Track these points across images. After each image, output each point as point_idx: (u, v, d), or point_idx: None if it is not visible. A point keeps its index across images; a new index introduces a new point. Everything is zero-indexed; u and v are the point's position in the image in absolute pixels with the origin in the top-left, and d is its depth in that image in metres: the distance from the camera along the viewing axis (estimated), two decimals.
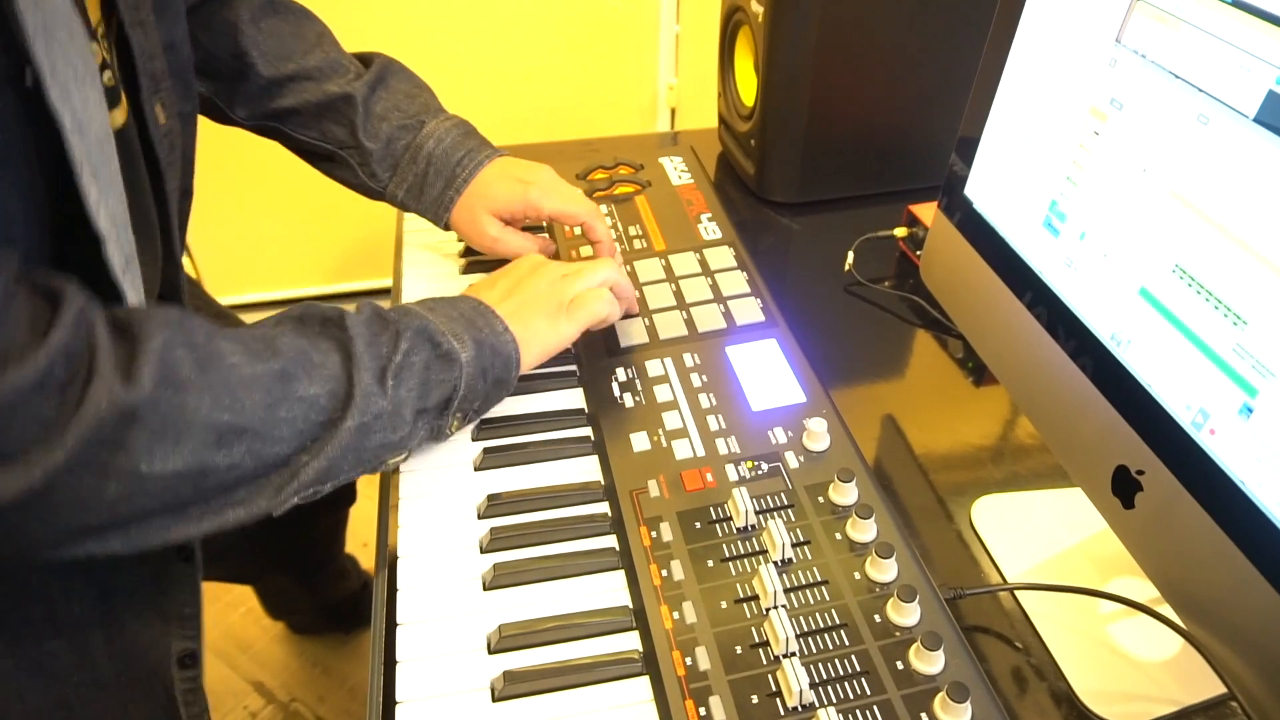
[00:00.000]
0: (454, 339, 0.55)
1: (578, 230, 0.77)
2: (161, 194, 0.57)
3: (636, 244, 0.78)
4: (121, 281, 0.47)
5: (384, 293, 2.06)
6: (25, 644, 0.55)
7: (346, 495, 1.14)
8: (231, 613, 1.43)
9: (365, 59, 0.75)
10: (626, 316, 0.69)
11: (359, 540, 1.50)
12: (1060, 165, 0.53)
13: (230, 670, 1.35)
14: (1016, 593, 0.55)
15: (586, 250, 0.77)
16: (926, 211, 0.81)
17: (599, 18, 1.68)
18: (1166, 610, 0.49)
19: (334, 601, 1.32)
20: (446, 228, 0.73)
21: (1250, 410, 0.41)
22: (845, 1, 0.79)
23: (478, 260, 0.78)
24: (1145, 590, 0.53)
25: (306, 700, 1.33)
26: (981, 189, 0.61)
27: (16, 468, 0.39)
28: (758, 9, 0.82)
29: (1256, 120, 0.39)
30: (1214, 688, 0.50)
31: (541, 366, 0.66)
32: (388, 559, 0.55)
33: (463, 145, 0.72)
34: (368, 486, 1.68)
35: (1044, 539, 0.59)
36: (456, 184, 0.71)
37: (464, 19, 1.63)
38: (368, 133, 0.72)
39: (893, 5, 0.81)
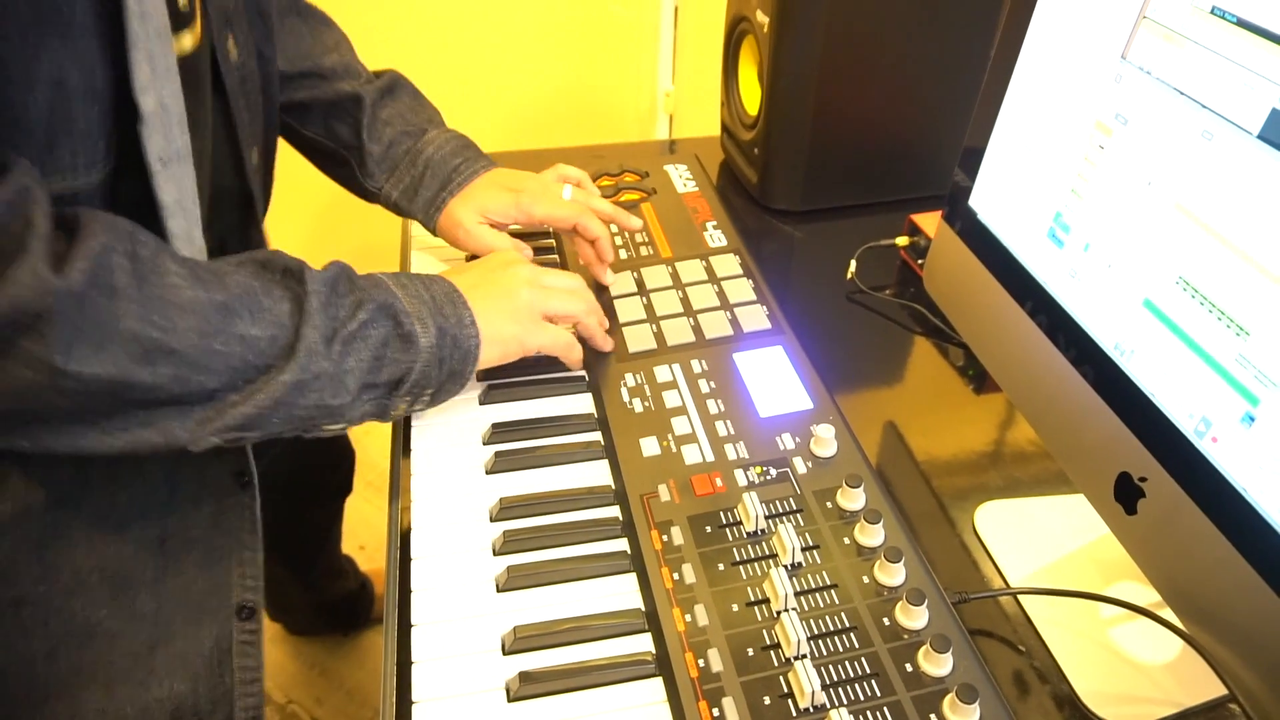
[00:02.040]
0: (417, 321, 0.55)
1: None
2: (234, 135, 0.59)
3: (643, 250, 0.79)
4: (157, 175, 0.48)
5: None
6: (70, 584, 0.55)
7: (341, 487, 1.14)
8: None
9: (378, 72, 0.78)
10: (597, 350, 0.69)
11: (356, 542, 1.51)
12: (1065, 178, 0.54)
13: None
14: (1019, 597, 0.56)
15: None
16: (927, 221, 0.83)
17: (599, 25, 1.69)
18: (1168, 614, 0.50)
19: (331, 601, 1.32)
20: (434, 231, 0.75)
21: (1252, 419, 0.42)
22: (850, 14, 0.81)
23: None
24: (1147, 594, 0.54)
25: (304, 702, 1.33)
26: (985, 200, 0.62)
27: None
28: (763, 20, 0.83)
29: (1260, 137, 0.40)
30: (1215, 689, 0.51)
31: (550, 371, 0.67)
32: (399, 559, 0.55)
33: (460, 154, 0.74)
34: (366, 489, 1.68)
35: (1046, 544, 0.60)
36: (450, 188, 0.73)
37: (465, 24, 1.64)
38: (371, 135, 0.74)
39: (896, 18, 0.82)
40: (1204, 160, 0.43)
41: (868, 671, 0.46)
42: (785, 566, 0.51)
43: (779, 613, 0.49)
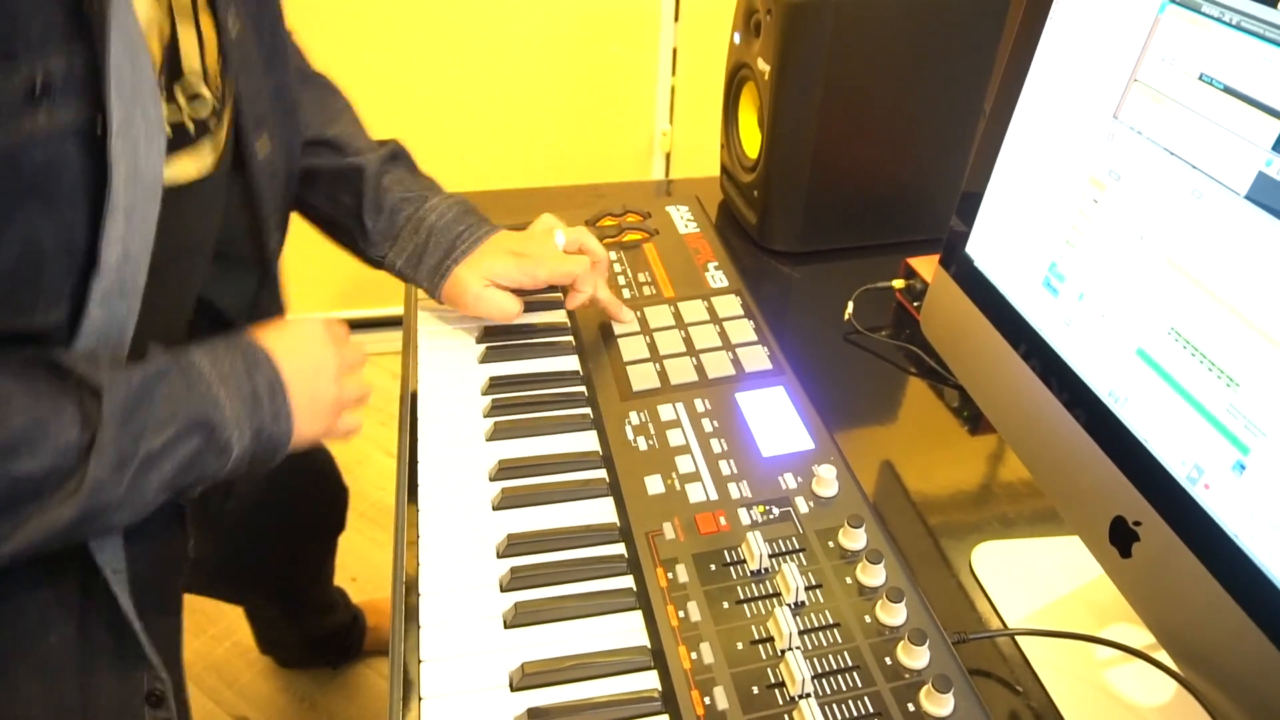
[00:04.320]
0: (235, 428, 0.53)
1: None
2: (258, 225, 0.61)
3: (646, 290, 0.80)
4: (91, 311, 0.47)
5: (395, 321, 2.08)
6: None
7: (334, 524, 1.14)
8: (217, 646, 1.41)
9: (381, 141, 0.79)
10: None
11: (348, 575, 1.50)
12: (1060, 229, 0.56)
13: (215, 704, 1.34)
14: (1017, 638, 0.57)
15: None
16: (923, 264, 0.85)
17: (598, 66, 1.73)
18: (1162, 656, 0.51)
19: (321, 634, 1.32)
20: (438, 299, 0.75)
21: (1243, 467, 0.43)
22: (848, 63, 0.83)
23: None
24: (1141, 636, 0.55)
25: None
26: (982, 248, 0.64)
27: None
28: (764, 67, 0.86)
29: (1247, 198, 0.42)
30: None
31: (555, 408, 0.68)
32: (404, 596, 0.56)
33: (463, 220, 0.75)
34: (359, 520, 1.67)
35: (1043, 585, 0.61)
36: (455, 254, 0.73)
37: (466, 62, 1.67)
38: (372, 203, 0.74)
39: (893, 68, 0.85)
40: (1194, 218, 0.45)
41: (871, 711, 0.47)
42: (789, 605, 0.52)
43: (783, 651, 0.49)
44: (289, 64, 0.64)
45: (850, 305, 0.85)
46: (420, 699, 0.49)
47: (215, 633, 1.43)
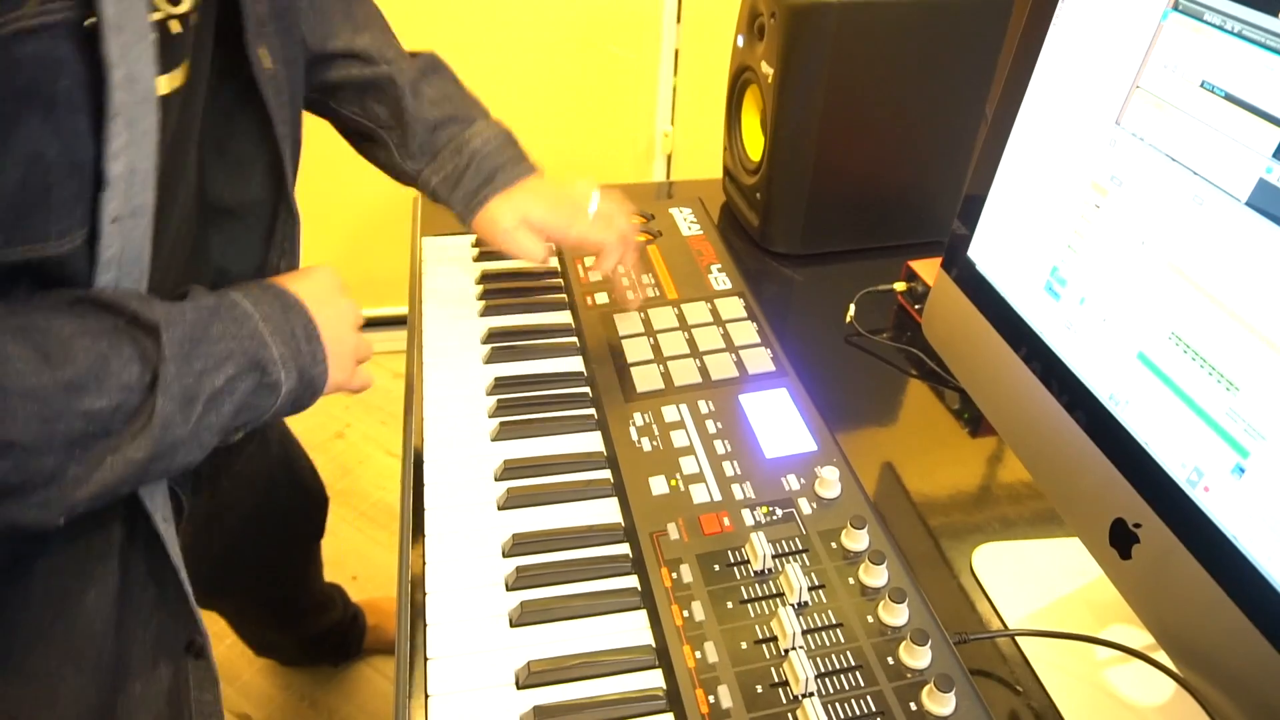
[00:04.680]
0: (283, 367, 0.53)
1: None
2: (272, 139, 0.59)
3: (650, 292, 0.81)
4: (105, 231, 0.46)
5: (402, 320, 2.08)
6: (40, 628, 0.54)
7: (313, 533, 1.12)
8: (218, 644, 1.42)
9: (414, 52, 0.77)
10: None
11: (348, 573, 1.51)
12: (1062, 234, 0.56)
13: None
14: (1017, 638, 0.58)
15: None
16: (924, 267, 0.85)
17: (600, 67, 1.73)
18: (1161, 656, 0.52)
19: (317, 634, 1.31)
20: (468, 225, 0.74)
21: (1243, 470, 0.44)
22: (852, 67, 0.84)
23: (488, 252, 0.83)
24: (1141, 637, 0.56)
25: None
26: (984, 252, 0.64)
27: None
28: (768, 70, 0.86)
29: (1248, 204, 0.43)
30: None
31: (560, 409, 0.68)
32: (410, 594, 0.56)
33: (505, 151, 0.74)
34: (359, 519, 1.68)
35: (1043, 586, 0.62)
36: (494, 185, 0.72)
37: (466, 61, 1.67)
38: (413, 114, 0.72)
39: (896, 72, 0.85)
40: (1195, 223, 0.46)
41: (873, 710, 0.48)
42: (792, 605, 0.52)
43: (787, 651, 0.50)
44: None
45: (852, 308, 0.86)
46: (427, 696, 0.49)
47: (216, 631, 1.43)
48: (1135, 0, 0.50)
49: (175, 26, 0.49)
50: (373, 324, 2.08)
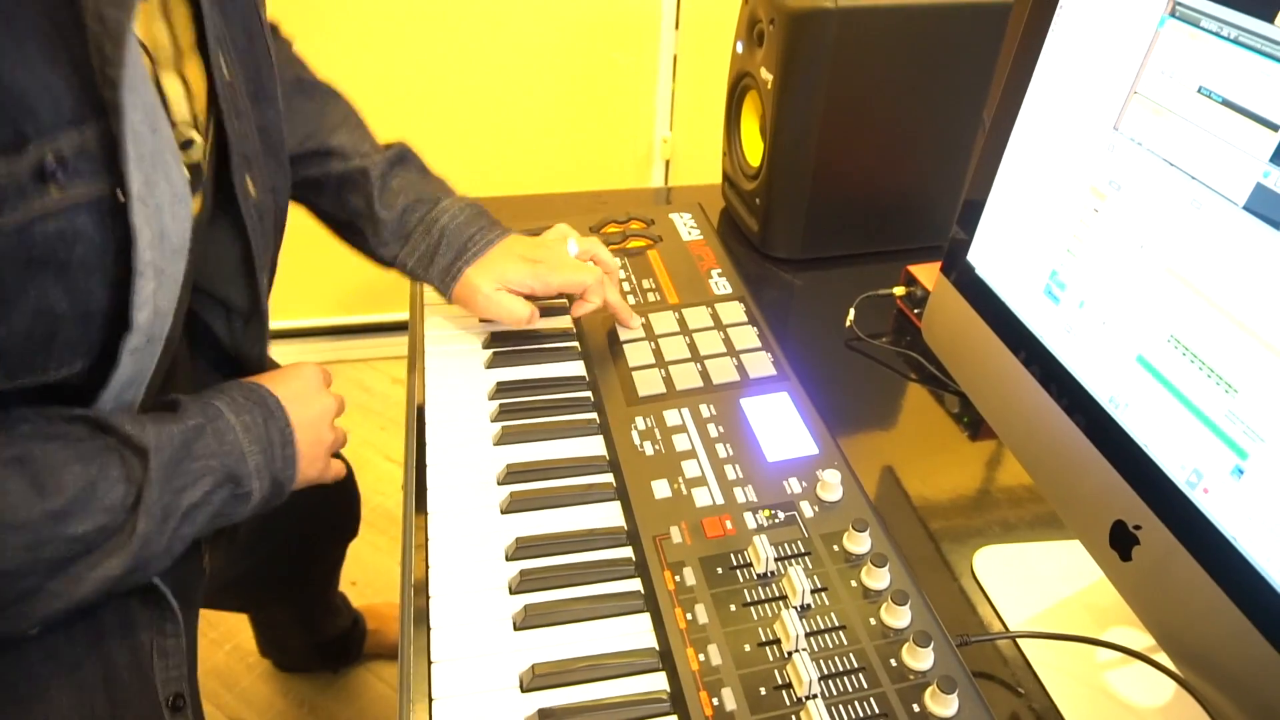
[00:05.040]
0: (256, 478, 0.57)
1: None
2: (250, 261, 0.61)
3: (650, 297, 0.81)
4: (124, 361, 0.49)
5: (401, 326, 2.09)
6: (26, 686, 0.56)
7: (349, 530, 1.15)
8: (217, 650, 1.42)
9: (387, 144, 0.80)
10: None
11: (348, 579, 1.51)
12: (1061, 238, 0.57)
13: (215, 709, 1.34)
14: (1018, 640, 0.58)
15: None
16: (923, 272, 0.86)
17: (600, 73, 1.74)
18: (1162, 658, 0.52)
19: (324, 639, 1.32)
20: (449, 298, 0.76)
21: (1241, 472, 0.44)
22: (851, 73, 0.84)
23: None
24: (1141, 639, 0.56)
25: None
26: (984, 256, 0.65)
27: None
28: (767, 76, 0.87)
29: (1246, 208, 0.43)
30: None
31: (562, 413, 0.69)
32: (414, 598, 0.56)
33: (475, 223, 0.76)
34: (368, 529, 1.68)
35: (1044, 589, 0.62)
36: (467, 256, 0.74)
37: (467, 67, 1.68)
38: (383, 204, 0.75)
39: (894, 78, 0.86)
40: (1193, 227, 0.46)
41: (877, 711, 0.48)
42: (795, 608, 0.53)
43: (790, 653, 0.50)
44: (276, 103, 0.64)
45: (852, 312, 0.86)
46: (431, 699, 0.49)
47: (215, 637, 1.43)
48: (1132, 7, 0.50)
49: (186, 175, 0.52)
50: (368, 330, 2.11)
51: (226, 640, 1.42)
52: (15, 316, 0.44)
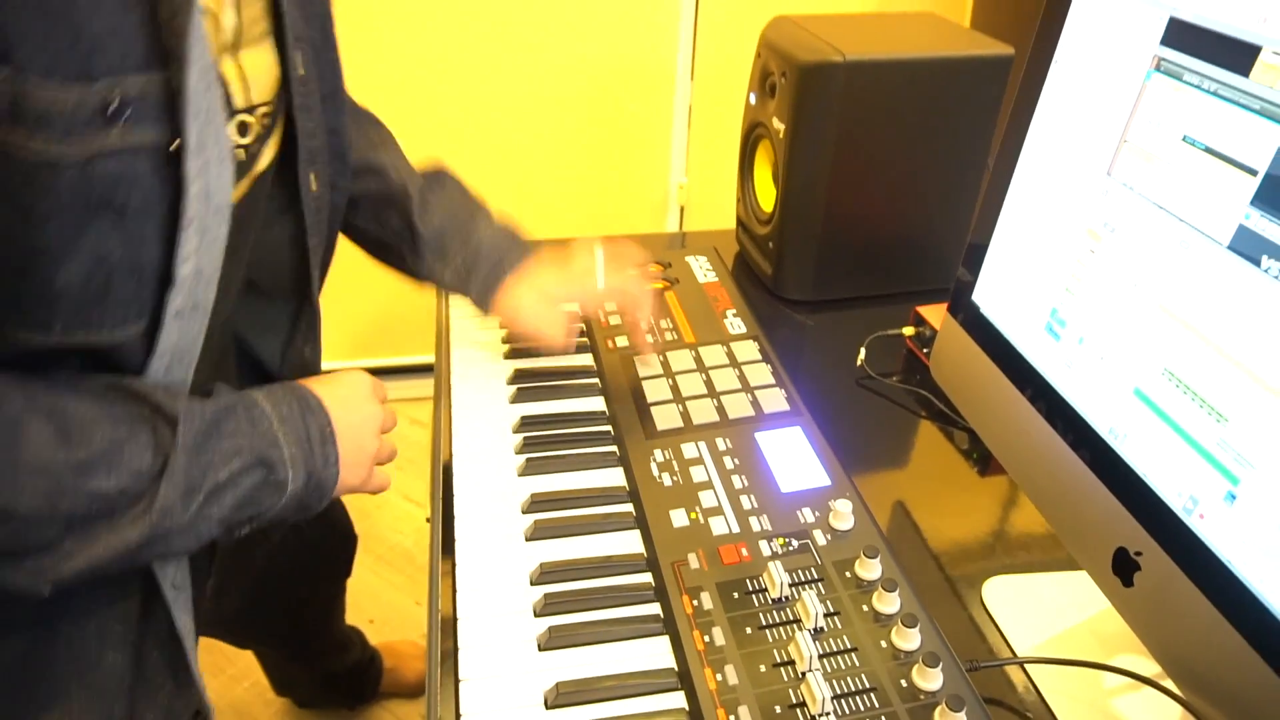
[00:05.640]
0: (291, 467, 0.55)
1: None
2: (303, 247, 0.64)
3: (668, 336, 0.85)
4: (166, 324, 0.50)
5: (418, 369, 2.13)
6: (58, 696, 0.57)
7: (342, 571, 1.16)
8: (236, 685, 1.43)
9: (423, 166, 0.84)
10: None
11: (365, 616, 1.52)
12: (1060, 277, 0.60)
13: None
14: (1027, 666, 0.60)
15: (622, 340, 0.83)
16: (931, 312, 0.88)
17: (617, 121, 1.80)
18: (1167, 683, 0.54)
19: (335, 674, 1.33)
20: (487, 309, 0.78)
21: (1234, 497, 0.46)
22: (859, 122, 0.88)
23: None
24: (1147, 666, 0.58)
25: None
26: (988, 296, 0.67)
27: None
28: (779, 126, 0.91)
29: (1230, 248, 0.46)
30: None
31: (584, 446, 0.71)
32: (440, 621, 0.59)
33: (510, 238, 0.79)
34: (376, 563, 1.69)
35: (1051, 618, 0.64)
36: (504, 267, 0.77)
37: (488, 114, 1.74)
38: (422, 222, 0.78)
39: (901, 127, 0.90)
40: (1182, 266, 0.49)
41: None
42: (809, 631, 0.55)
43: (804, 673, 0.52)
44: (344, 109, 0.67)
45: (863, 351, 0.89)
46: (459, 715, 0.52)
47: (234, 673, 1.44)
48: (1121, 62, 0.54)
49: (240, 155, 0.55)
50: (390, 372, 2.14)
51: (245, 677, 1.44)
52: (74, 262, 0.45)
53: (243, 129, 0.55)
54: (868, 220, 0.95)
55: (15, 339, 0.47)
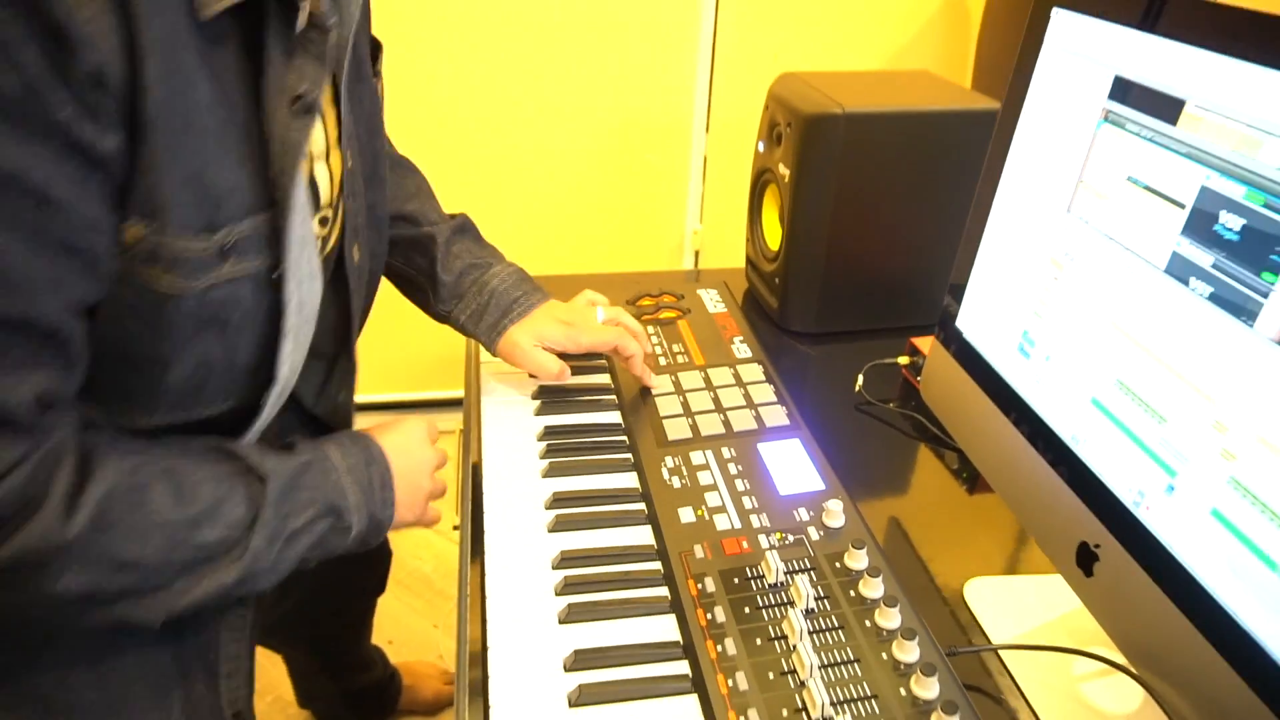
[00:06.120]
0: (355, 513, 0.64)
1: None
2: (347, 310, 0.73)
3: (679, 358, 0.92)
4: (264, 410, 0.60)
5: (441, 403, 2.21)
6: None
7: (377, 585, 1.22)
8: (259, 701, 1.47)
9: (451, 215, 0.93)
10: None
11: (384, 637, 1.58)
12: (1029, 303, 0.67)
13: None
14: (1004, 657, 0.66)
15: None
16: (925, 343, 0.96)
17: (635, 172, 1.90)
18: (1126, 665, 0.59)
19: (357, 689, 1.38)
20: (493, 352, 0.87)
21: (1173, 488, 0.53)
22: (858, 170, 0.97)
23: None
24: (1112, 656, 0.63)
25: None
26: (970, 322, 0.75)
27: None
28: (785, 171, 0.99)
29: (1166, 272, 0.53)
30: None
31: (601, 453, 0.79)
32: (469, 606, 0.65)
33: (519, 287, 0.88)
34: (395, 587, 1.75)
35: (1026, 615, 0.69)
36: (511, 316, 0.86)
37: (518, 169, 1.85)
38: (444, 266, 0.87)
39: (897, 174, 0.98)
40: (1129, 289, 0.56)
41: (868, 693, 0.56)
42: (801, 610, 0.61)
43: (795, 646, 0.58)
44: (383, 186, 0.76)
45: (860, 378, 0.96)
46: (486, 646, 0.58)
47: (258, 688, 1.49)
48: (1077, 114, 0.62)
49: (320, 245, 0.64)
50: (416, 405, 2.21)
51: (268, 691, 1.49)
52: (180, 366, 0.55)
53: (323, 222, 0.64)
54: (866, 258, 1.03)
55: (123, 421, 0.56)
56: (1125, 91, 0.57)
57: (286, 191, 0.55)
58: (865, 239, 1.01)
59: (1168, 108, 0.53)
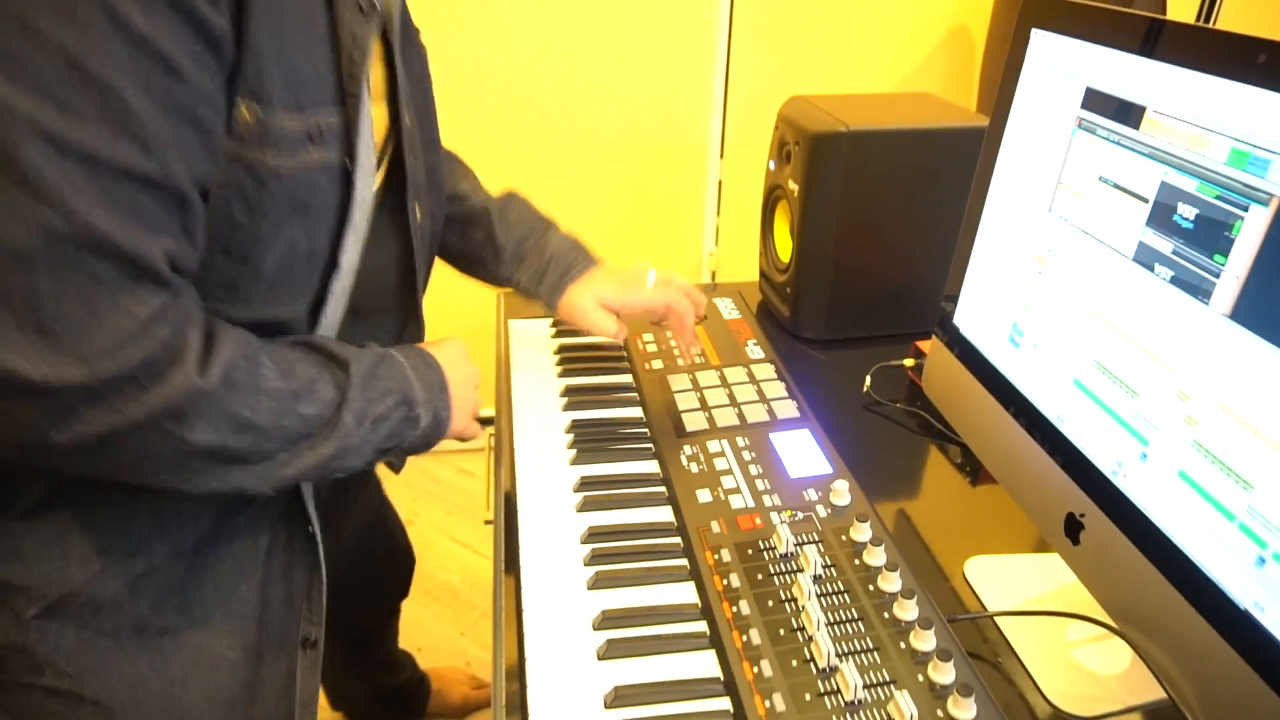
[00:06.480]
0: (423, 408, 0.70)
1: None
2: (412, 270, 0.79)
3: (698, 360, 0.98)
4: (329, 299, 0.66)
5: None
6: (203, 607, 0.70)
7: (400, 590, 1.29)
8: None
9: (499, 191, 1.00)
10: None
11: (413, 645, 1.63)
12: (1018, 296, 0.73)
13: None
14: (1000, 624, 0.70)
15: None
16: (929, 346, 1.01)
17: (653, 196, 1.98)
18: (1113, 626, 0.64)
19: (387, 691, 1.43)
20: (554, 310, 0.93)
21: (1146, 456, 0.58)
22: (863, 185, 1.03)
23: (565, 329, 1.03)
24: (1100, 619, 0.68)
25: None
26: (965, 317, 0.81)
27: (106, 412, 0.53)
28: (794, 187, 1.06)
29: (1134, 260, 0.59)
30: (1159, 692, 0.64)
31: (625, 442, 0.85)
32: (503, 576, 0.71)
33: (577, 250, 0.95)
34: (424, 598, 1.80)
35: (1023, 588, 0.74)
36: (570, 275, 0.92)
37: (539, 192, 1.93)
38: (504, 234, 0.94)
39: (899, 187, 1.04)
40: (1103, 278, 0.62)
41: (870, 646, 0.61)
42: (809, 575, 0.66)
43: (803, 606, 0.64)
44: (440, 152, 0.83)
45: (868, 379, 1.01)
46: (520, 610, 0.64)
47: None
48: (1055, 122, 0.68)
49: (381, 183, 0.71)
50: None
51: None
52: (275, 250, 0.61)
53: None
54: (872, 267, 1.09)
55: (217, 313, 0.62)
56: (1095, 101, 0.63)
57: (358, 84, 0.61)
58: (871, 249, 1.08)
59: (1131, 114, 0.59)
